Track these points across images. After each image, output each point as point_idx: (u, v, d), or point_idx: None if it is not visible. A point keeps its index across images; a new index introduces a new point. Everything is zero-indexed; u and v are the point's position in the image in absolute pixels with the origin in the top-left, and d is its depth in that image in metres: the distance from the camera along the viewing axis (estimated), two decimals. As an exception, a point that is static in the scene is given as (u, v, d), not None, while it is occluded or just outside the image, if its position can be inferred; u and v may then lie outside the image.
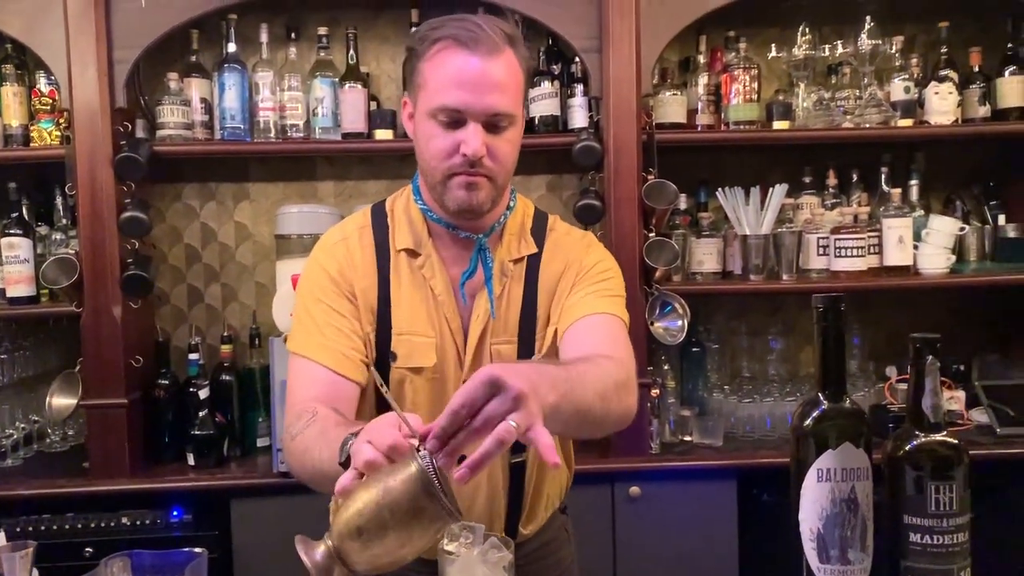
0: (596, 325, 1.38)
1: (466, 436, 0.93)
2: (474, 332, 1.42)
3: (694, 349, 2.83)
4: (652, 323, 2.55)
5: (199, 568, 1.44)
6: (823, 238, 2.72)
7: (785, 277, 2.70)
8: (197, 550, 1.46)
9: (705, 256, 2.75)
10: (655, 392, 2.62)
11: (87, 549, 2.42)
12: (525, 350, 1.43)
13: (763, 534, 2.54)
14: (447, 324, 1.42)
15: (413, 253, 1.43)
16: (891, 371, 2.89)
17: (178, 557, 1.47)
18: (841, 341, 1.00)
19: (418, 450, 0.92)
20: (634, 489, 2.51)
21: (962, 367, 2.96)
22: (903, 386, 2.81)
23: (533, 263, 1.46)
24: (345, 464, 1.02)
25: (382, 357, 1.42)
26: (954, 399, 2.82)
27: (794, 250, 2.71)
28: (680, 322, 2.56)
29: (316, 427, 1.21)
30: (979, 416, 2.75)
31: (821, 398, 1.01)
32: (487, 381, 0.93)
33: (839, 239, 2.68)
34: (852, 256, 2.68)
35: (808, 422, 1.01)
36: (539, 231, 1.49)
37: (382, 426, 0.97)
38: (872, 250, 2.72)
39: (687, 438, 2.69)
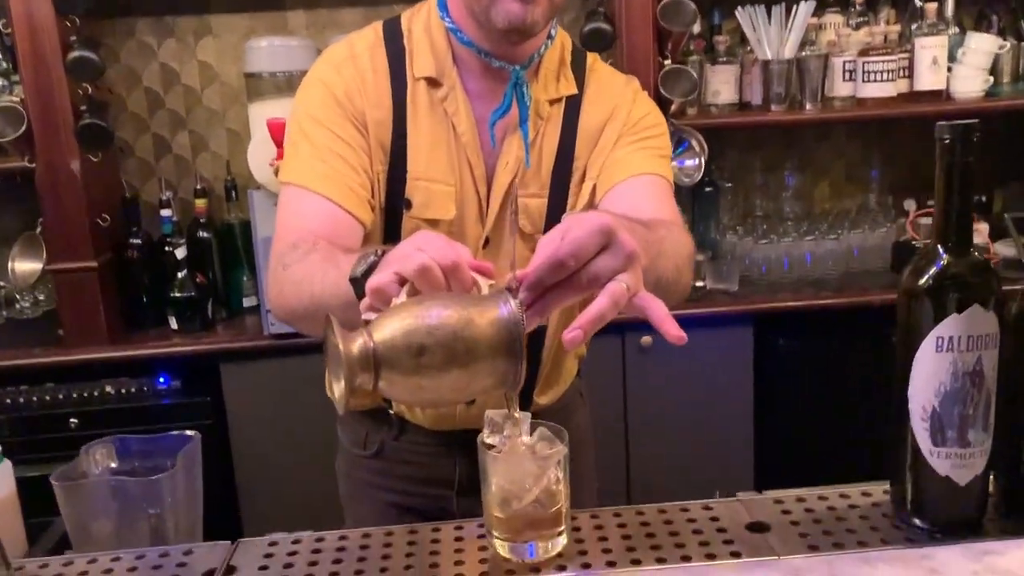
0: (648, 188, 1.19)
1: (563, 292, 0.77)
2: (500, 182, 1.21)
3: (707, 189, 2.63)
4: (666, 161, 2.34)
5: (192, 454, 1.30)
6: (849, 62, 2.47)
7: (809, 106, 2.47)
8: (189, 433, 1.32)
9: (721, 85, 2.50)
10: (668, 236, 2.44)
11: (72, 420, 2.30)
12: (556, 207, 1.23)
13: (780, 380, 2.45)
14: (470, 170, 1.21)
15: (434, 83, 1.20)
16: (910, 204, 2.73)
17: (167, 441, 1.32)
18: (970, 181, 0.81)
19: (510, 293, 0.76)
20: (646, 339, 2.38)
21: (983, 198, 2.80)
22: (925, 221, 2.65)
23: (573, 105, 1.24)
24: (359, 281, 0.84)
25: (393, 203, 1.22)
26: (977, 231, 2.67)
27: (819, 76, 2.47)
28: (697, 160, 2.35)
29: (319, 254, 1.02)
30: (1005, 249, 2.61)
31: (941, 251, 0.83)
32: (601, 230, 0.76)
33: (867, 62, 2.44)
34: (881, 80, 2.44)
35: (924, 280, 0.83)
36: (579, 69, 1.26)
37: (437, 239, 0.80)
38: (902, 73, 2.49)
39: (700, 283, 2.54)
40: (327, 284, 0.95)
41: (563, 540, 0.86)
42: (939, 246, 0.84)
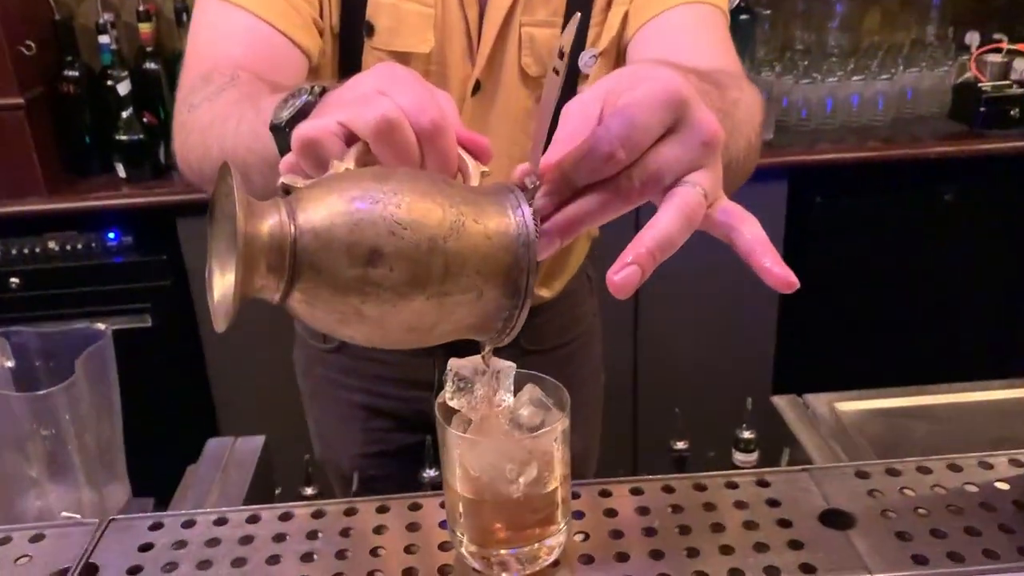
0: (702, 23, 0.86)
1: (603, 200, 0.48)
2: (498, 4, 0.88)
3: (741, 16, 2.23)
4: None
5: (100, 356, 1.05)
6: None
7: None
8: (100, 326, 1.08)
9: None
10: (694, 74, 2.08)
11: (12, 280, 2.03)
12: (574, 40, 0.90)
13: (814, 245, 2.16)
14: None
15: None
16: (972, 38, 2.33)
17: (74, 338, 1.07)
18: None
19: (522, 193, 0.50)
20: (663, 196, 2.07)
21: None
22: (994, 58, 2.28)
23: None
24: (284, 129, 0.56)
25: (350, 28, 0.90)
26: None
27: None
28: (735, -19, 1.96)
29: (236, 91, 0.74)
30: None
31: None
32: (668, 102, 0.47)
33: None
34: None
35: None
36: None
37: (408, 79, 0.52)
38: None
39: (728, 130, 2.20)
40: (242, 133, 0.66)
41: (559, 542, 0.60)
42: None
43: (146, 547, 0.64)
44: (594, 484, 0.68)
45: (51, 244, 2.06)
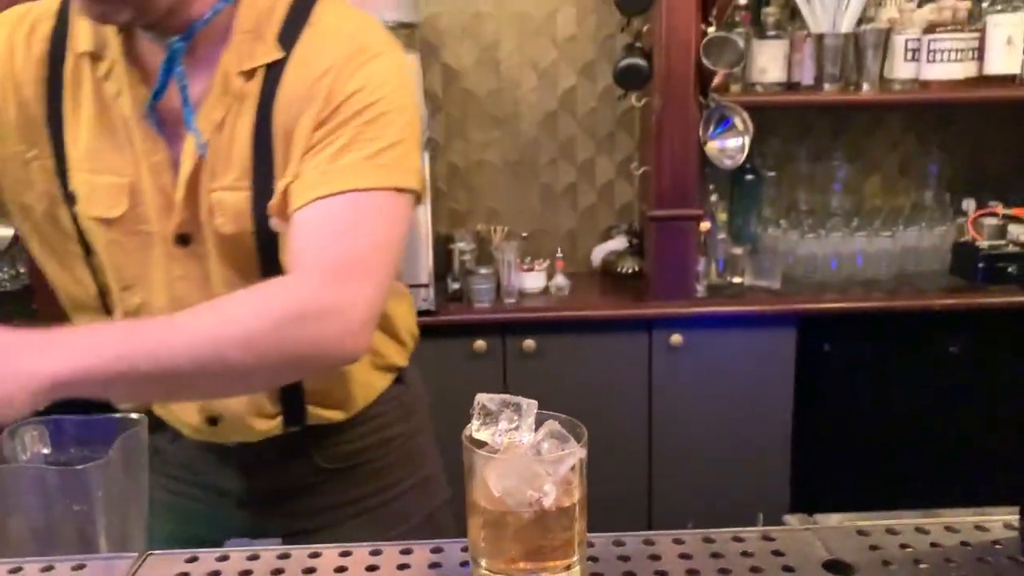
0: (329, 216, 0.91)
1: None
2: (185, 170, 0.97)
3: (748, 177, 2.39)
4: (706, 142, 2.10)
5: (134, 441, 1.09)
6: (913, 40, 2.22)
7: (866, 87, 2.23)
8: (134, 416, 1.11)
9: (769, 62, 2.26)
10: (704, 226, 2.21)
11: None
12: (261, 201, 0.97)
13: (824, 389, 2.21)
14: (144, 158, 0.98)
15: (97, 58, 0.98)
16: (968, 205, 2.48)
17: (108, 425, 1.12)
18: None
19: None
20: (675, 337, 2.15)
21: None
22: (990, 221, 2.40)
23: (273, 75, 0.96)
24: None
25: (65, 198, 1.02)
26: None
27: (879, 54, 2.22)
28: (741, 140, 2.12)
29: None
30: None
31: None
32: None
33: (934, 40, 2.19)
34: (948, 61, 2.20)
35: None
36: (293, 27, 0.98)
37: None
38: (972, 55, 2.24)
39: (738, 280, 2.30)
40: None
41: (576, 574, 0.64)
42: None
43: (182, 576, 0.67)
44: (608, 536, 0.71)
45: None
